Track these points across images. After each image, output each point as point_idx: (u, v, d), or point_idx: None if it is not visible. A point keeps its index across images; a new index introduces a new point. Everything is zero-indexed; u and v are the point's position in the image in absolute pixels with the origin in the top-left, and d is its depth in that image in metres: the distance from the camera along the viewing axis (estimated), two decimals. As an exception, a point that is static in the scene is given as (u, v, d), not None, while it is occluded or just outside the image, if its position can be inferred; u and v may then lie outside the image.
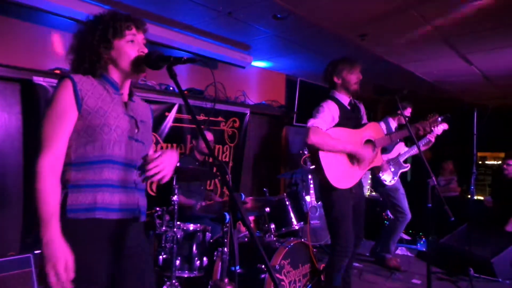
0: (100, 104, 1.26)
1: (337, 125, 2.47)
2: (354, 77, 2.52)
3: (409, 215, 3.91)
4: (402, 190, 4.01)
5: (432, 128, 2.74)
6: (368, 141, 2.61)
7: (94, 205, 1.23)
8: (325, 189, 2.49)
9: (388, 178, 3.77)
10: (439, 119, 2.74)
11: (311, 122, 2.41)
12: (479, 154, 5.03)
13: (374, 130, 2.66)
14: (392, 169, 3.80)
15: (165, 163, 1.34)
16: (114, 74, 1.35)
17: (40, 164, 1.18)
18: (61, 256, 1.15)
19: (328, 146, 2.39)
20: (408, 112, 3.89)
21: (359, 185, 2.61)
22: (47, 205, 1.17)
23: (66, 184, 1.23)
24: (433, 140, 3.58)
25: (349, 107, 2.57)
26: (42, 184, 1.17)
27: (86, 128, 1.24)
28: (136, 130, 1.35)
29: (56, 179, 1.21)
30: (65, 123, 1.22)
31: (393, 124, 3.96)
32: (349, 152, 2.45)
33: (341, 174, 2.45)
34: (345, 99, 2.57)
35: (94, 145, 1.24)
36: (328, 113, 2.45)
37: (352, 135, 2.53)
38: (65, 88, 1.23)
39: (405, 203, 3.91)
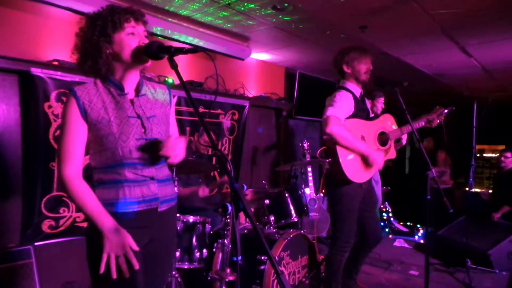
0: (102, 114, 1.32)
1: (352, 116, 2.42)
2: (364, 67, 2.45)
3: None
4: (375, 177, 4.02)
5: (439, 120, 2.67)
6: (382, 133, 2.61)
7: (116, 200, 1.33)
8: (334, 183, 2.46)
9: None
10: (444, 112, 2.68)
11: (330, 112, 2.31)
12: (477, 146, 5.04)
13: (388, 122, 2.64)
14: None
15: (174, 145, 1.35)
16: (119, 71, 1.36)
17: (63, 175, 1.30)
18: (125, 239, 1.27)
19: (345, 140, 2.33)
20: (381, 101, 3.88)
21: (369, 180, 2.57)
22: (88, 203, 1.28)
23: (94, 183, 1.38)
24: (404, 143, 3.46)
25: (360, 99, 2.53)
26: (74, 189, 1.29)
27: (95, 138, 1.34)
28: (143, 130, 1.36)
29: (83, 181, 1.32)
30: (76, 137, 1.32)
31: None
32: (362, 153, 2.39)
33: (357, 168, 2.41)
34: (356, 90, 2.50)
35: (106, 154, 1.33)
36: (345, 103, 2.38)
37: (366, 126, 2.51)
38: (70, 105, 1.32)
39: None
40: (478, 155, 6.76)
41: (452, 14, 3.06)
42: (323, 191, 4.23)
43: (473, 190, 4.53)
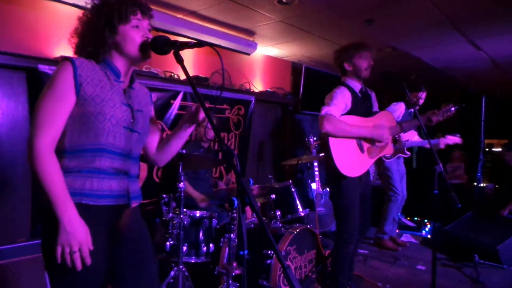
0: (97, 92, 1.25)
1: (349, 112, 2.44)
2: (365, 63, 2.46)
3: (401, 196, 3.98)
4: (402, 171, 4.06)
5: (445, 117, 2.60)
6: None
7: (81, 191, 1.22)
8: (333, 177, 2.47)
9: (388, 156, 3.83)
10: (452, 109, 2.59)
11: (325, 110, 2.35)
12: (486, 141, 4.98)
13: (386, 118, 2.62)
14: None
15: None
16: (118, 61, 1.33)
17: (38, 145, 1.15)
18: (84, 232, 1.18)
19: (344, 132, 2.36)
20: (423, 95, 3.83)
21: (367, 173, 2.59)
22: (56, 185, 1.15)
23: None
24: (442, 147, 3.48)
25: (360, 95, 2.53)
26: (45, 164, 1.15)
27: (81, 115, 1.23)
28: (132, 121, 1.34)
29: (56, 158, 1.19)
30: (63, 107, 1.20)
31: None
32: (365, 136, 2.42)
33: (350, 162, 2.43)
34: (356, 86, 2.52)
35: (88, 134, 1.23)
36: (342, 99, 2.41)
37: (363, 123, 2.50)
38: (65, 71, 1.22)
39: (398, 183, 3.97)
40: (487, 149, 6.68)
41: (461, 6, 3.01)
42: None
43: (482, 184, 4.47)
